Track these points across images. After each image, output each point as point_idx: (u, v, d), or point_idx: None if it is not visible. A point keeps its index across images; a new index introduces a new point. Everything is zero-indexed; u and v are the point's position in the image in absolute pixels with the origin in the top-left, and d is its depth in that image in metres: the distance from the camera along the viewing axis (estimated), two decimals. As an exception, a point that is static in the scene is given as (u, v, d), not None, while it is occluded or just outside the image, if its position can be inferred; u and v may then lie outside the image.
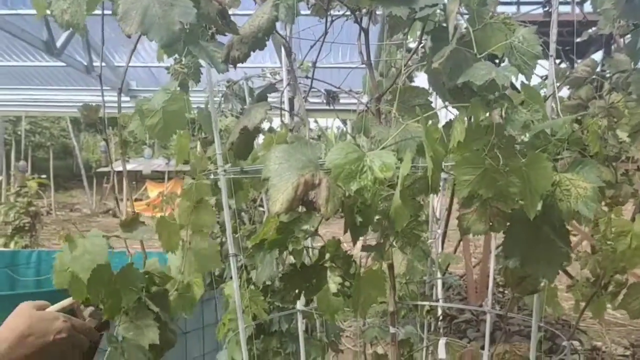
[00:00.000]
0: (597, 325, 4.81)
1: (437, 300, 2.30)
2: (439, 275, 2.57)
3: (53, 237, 12.64)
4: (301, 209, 0.79)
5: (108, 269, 1.04)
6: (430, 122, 0.84)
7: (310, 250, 0.99)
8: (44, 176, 10.30)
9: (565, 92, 1.54)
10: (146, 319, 1.12)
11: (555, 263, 0.98)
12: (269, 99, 1.26)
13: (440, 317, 2.59)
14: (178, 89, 1.11)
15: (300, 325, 1.95)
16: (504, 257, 1.00)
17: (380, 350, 2.54)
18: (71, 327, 1.01)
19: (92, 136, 27.87)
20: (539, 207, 0.90)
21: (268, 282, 2.35)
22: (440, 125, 0.93)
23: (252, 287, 2.17)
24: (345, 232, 0.82)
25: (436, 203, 2.45)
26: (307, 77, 2.12)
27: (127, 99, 6.72)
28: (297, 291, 0.90)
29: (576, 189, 0.92)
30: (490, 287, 1.86)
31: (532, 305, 1.86)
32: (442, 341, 1.40)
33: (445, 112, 0.93)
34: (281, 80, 2.16)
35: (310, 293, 0.91)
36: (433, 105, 0.93)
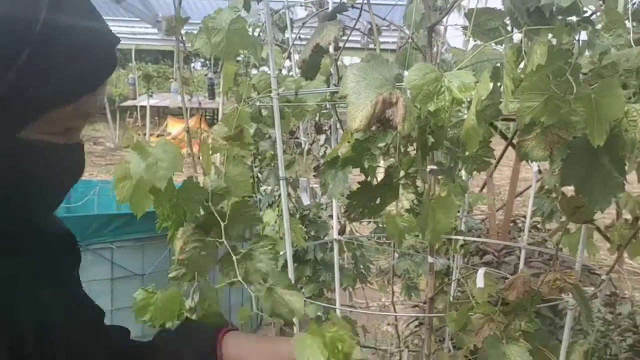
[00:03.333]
0: (614, 274, 4.85)
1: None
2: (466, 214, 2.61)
3: (78, 167, 12.86)
4: (375, 127, 0.80)
5: (171, 183, 1.06)
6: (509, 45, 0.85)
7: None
8: (69, 107, 10.37)
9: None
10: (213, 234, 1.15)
11: (610, 192, 1.00)
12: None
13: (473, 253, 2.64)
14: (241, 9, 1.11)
15: (337, 254, 2.00)
16: (561, 184, 1.02)
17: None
18: None
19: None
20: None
21: (305, 212, 2.41)
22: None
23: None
24: (417, 152, 0.84)
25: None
26: (352, 7, 2.09)
27: (155, 30, 6.68)
28: (361, 210, 0.93)
29: (643, 120, 0.92)
30: (527, 224, 1.89)
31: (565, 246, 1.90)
32: (480, 271, 1.43)
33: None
34: (326, 9, 2.12)
35: (373, 212, 0.94)
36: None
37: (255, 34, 2.28)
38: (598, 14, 1.04)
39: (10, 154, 0.57)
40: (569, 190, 1.06)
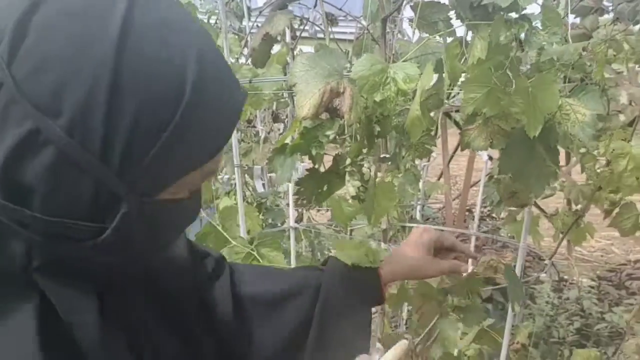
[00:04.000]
0: (564, 260, 5.02)
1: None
2: (422, 202, 2.68)
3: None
4: (324, 115, 0.83)
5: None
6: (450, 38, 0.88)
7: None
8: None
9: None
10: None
11: (544, 180, 1.07)
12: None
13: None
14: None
15: (293, 242, 2.03)
16: (499, 172, 1.07)
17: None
18: None
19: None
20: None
21: (262, 200, 2.43)
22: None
23: (245, 203, 2.25)
24: (362, 140, 0.88)
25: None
26: (308, -3, 2.11)
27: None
28: (310, 196, 0.96)
29: (575, 114, 0.97)
30: (477, 212, 1.96)
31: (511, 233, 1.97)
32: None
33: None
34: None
35: (322, 198, 0.97)
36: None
37: (212, 21, 2.27)
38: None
39: (138, 216, 0.56)
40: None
